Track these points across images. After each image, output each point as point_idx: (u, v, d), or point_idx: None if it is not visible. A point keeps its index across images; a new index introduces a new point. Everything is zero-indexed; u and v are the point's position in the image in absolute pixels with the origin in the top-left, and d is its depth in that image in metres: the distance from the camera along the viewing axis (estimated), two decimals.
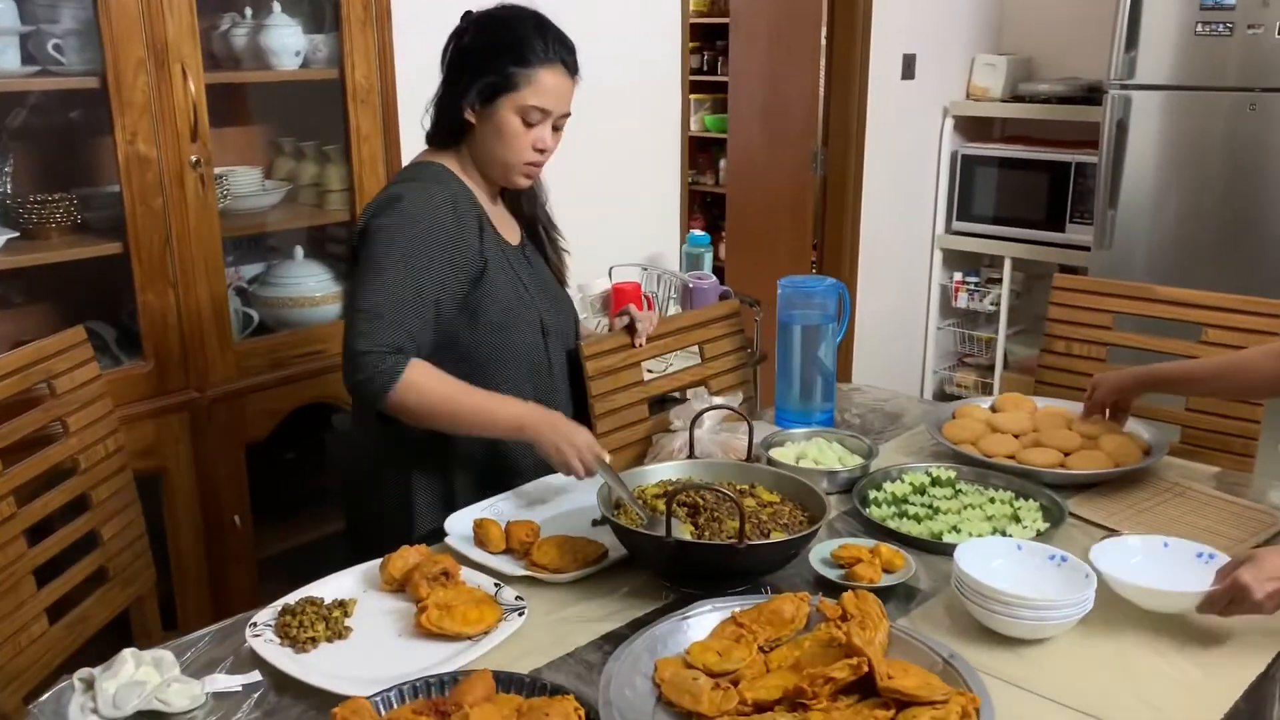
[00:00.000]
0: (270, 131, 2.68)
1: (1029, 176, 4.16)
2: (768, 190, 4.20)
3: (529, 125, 1.70)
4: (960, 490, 1.76)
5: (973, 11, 4.36)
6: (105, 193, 2.20)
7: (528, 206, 1.89)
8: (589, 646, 1.35)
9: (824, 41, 3.97)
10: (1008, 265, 4.30)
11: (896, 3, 3.95)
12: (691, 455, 1.70)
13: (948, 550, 1.55)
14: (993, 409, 2.06)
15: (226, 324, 2.30)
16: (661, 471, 1.64)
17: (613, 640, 1.34)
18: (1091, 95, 4.15)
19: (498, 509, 1.70)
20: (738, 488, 1.59)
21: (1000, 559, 1.43)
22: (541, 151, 1.74)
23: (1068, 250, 4.11)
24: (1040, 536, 1.60)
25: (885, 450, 1.91)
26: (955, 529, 1.62)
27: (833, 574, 1.49)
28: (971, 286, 4.49)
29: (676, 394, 2.19)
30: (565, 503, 1.73)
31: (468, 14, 1.76)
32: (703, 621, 1.32)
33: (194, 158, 2.17)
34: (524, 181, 1.78)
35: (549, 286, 1.88)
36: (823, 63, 3.99)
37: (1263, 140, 3.24)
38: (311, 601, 1.39)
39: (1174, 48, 3.36)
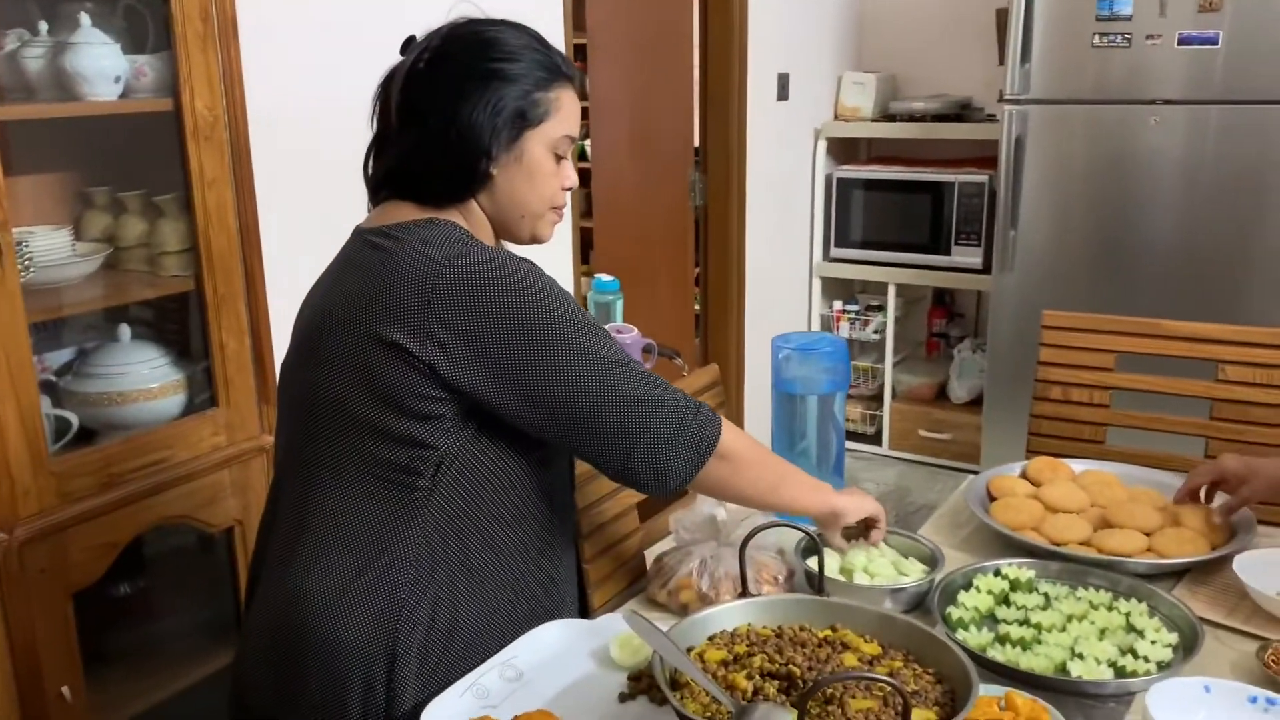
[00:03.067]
0: (75, 180, 2.10)
1: (908, 198, 3.98)
2: (643, 223, 3.84)
3: (558, 159, 1.32)
4: (1049, 595, 1.43)
5: (836, 26, 4.17)
6: None
7: None
8: None
9: (697, 61, 3.65)
10: (892, 291, 4.11)
11: (768, 16, 3.68)
12: (745, 591, 1.29)
13: (1084, 691, 1.22)
14: (1027, 479, 1.75)
15: (40, 440, 1.72)
16: (712, 621, 1.22)
17: None
18: (964, 112, 4.03)
19: (482, 688, 1.24)
20: (820, 635, 1.19)
21: (1201, 710, 1.10)
22: (569, 189, 1.36)
23: (955, 274, 3.95)
24: (1177, 655, 1.29)
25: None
26: (1078, 655, 1.28)
27: None
28: (852, 315, 4.28)
29: None
30: (569, 667, 1.29)
31: (411, 40, 1.32)
32: None
33: None
34: (551, 230, 1.38)
35: None
36: (696, 84, 3.67)
37: (1167, 153, 3.14)
38: None
39: (1071, 60, 3.22)
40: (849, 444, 4.27)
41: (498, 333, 1.20)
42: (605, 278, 2.76)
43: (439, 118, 1.25)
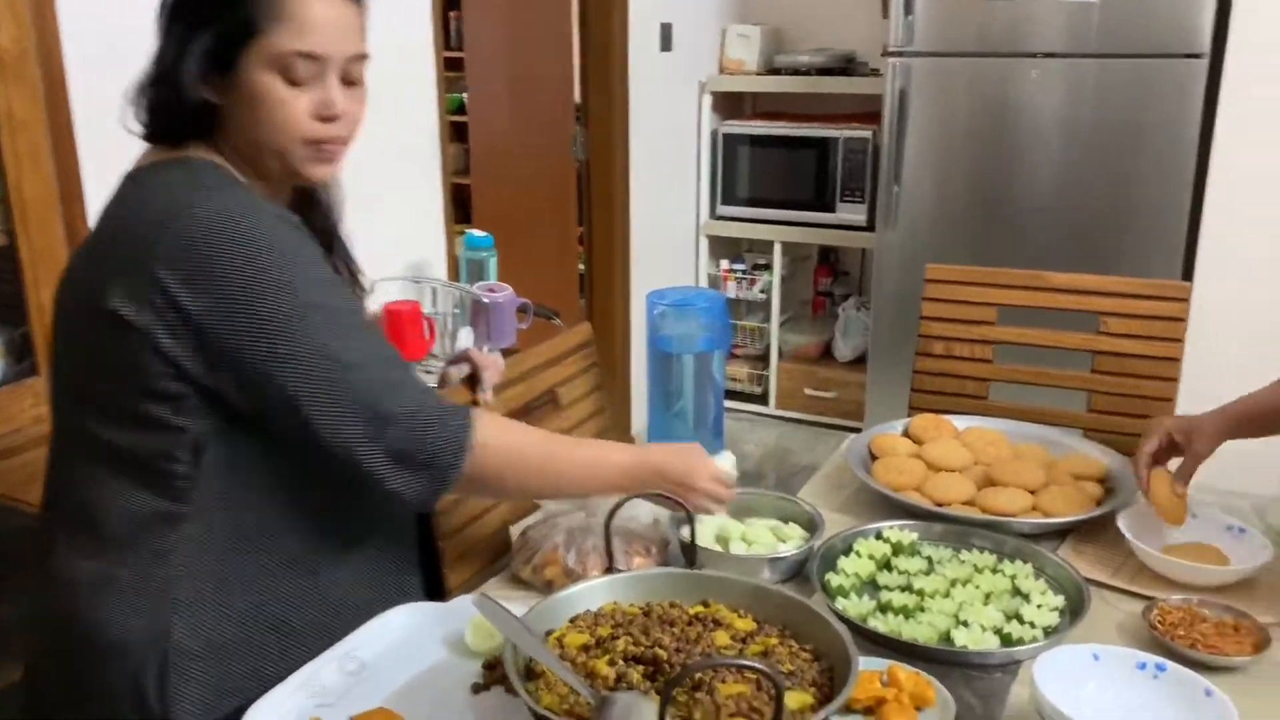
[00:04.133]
0: None
1: (794, 155, 3.91)
2: (523, 179, 3.69)
3: (295, 83, 1.09)
4: (931, 559, 1.37)
5: None
6: None
7: (320, 220, 1.27)
8: None
9: (576, 8, 3.50)
10: (778, 250, 4.04)
11: None
12: (611, 567, 1.18)
13: (969, 661, 1.16)
14: (910, 437, 1.69)
15: None
16: (574, 600, 1.11)
17: None
18: (849, 66, 3.97)
19: (317, 684, 1.11)
20: (691, 612, 1.10)
21: (1090, 680, 1.04)
22: (330, 120, 1.12)
23: (840, 231, 3.90)
24: (1064, 619, 1.23)
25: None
26: (962, 622, 1.22)
27: None
28: (739, 274, 4.21)
29: None
30: (418, 656, 1.17)
31: None
32: None
33: None
34: (318, 170, 1.15)
35: None
36: (576, 33, 3.52)
37: (1047, 106, 3.13)
38: None
39: (954, 13, 3.17)
40: (733, 404, 4.21)
41: (217, 308, 1.03)
42: (477, 233, 2.62)
43: (160, 43, 1.10)
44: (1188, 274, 3.01)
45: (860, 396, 3.79)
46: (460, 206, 3.89)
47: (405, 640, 1.19)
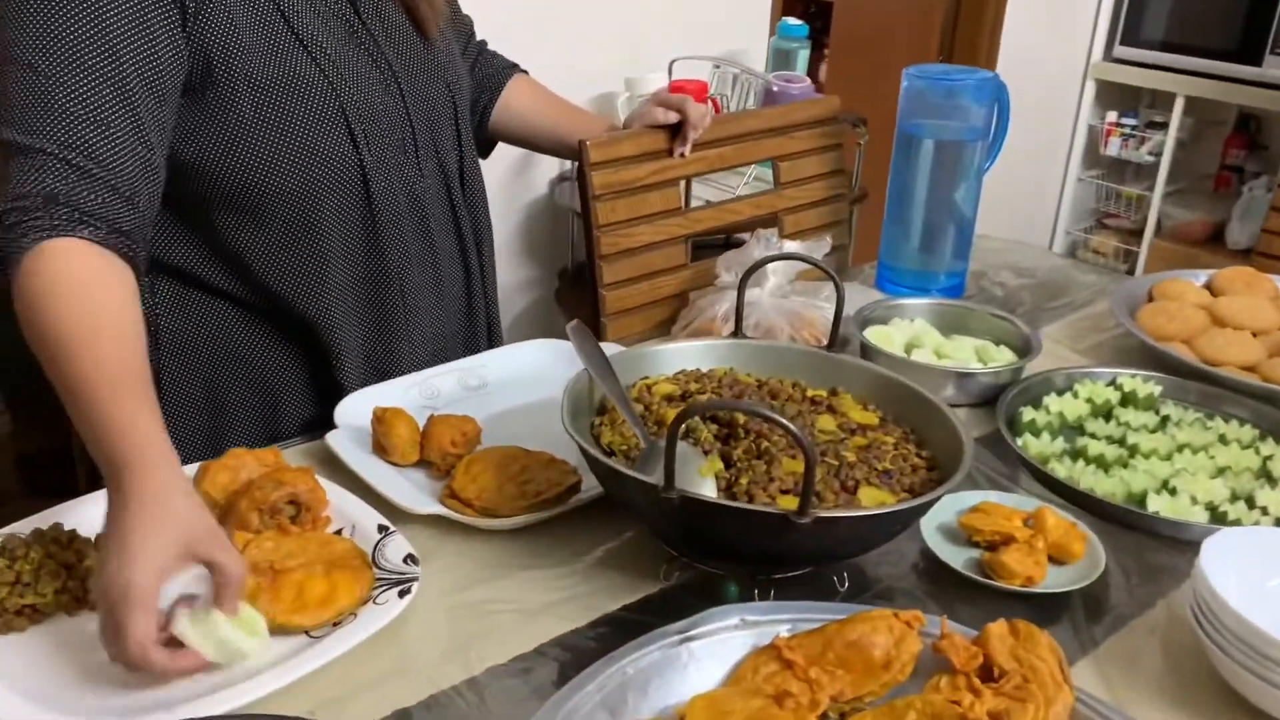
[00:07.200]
0: None
1: None
2: None
3: None
4: (1169, 418, 1.10)
5: None
6: None
7: None
8: (509, 667, 0.76)
9: None
10: (1178, 106, 3.45)
11: None
12: (738, 331, 1.05)
13: (1159, 531, 0.92)
14: (1210, 289, 1.36)
15: None
16: (683, 355, 1.00)
17: (555, 660, 0.76)
18: None
19: (432, 388, 1.10)
20: (809, 395, 0.95)
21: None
22: None
23: (1264, 90, 3.24)
24: None
25: (1044, 341, 1.23)
26: (1169, 489, 0.97)
27: (957, 559, 0.87)
28: (1127, 130, 3.65)
29: (721, 237, 1.53)
30: (537, 388, 1.12)
31: None
32: (718, 649, 0.71)
33: None
34: None
35: (387, 46, 1.06)
36: None
37: None
38: (50, 539, 0.81)
39: None
40: None
41: None
42: (792, 21, 2.45)
43: None
44: None
45: None
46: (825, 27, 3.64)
47: (534, 373, 1.14)
